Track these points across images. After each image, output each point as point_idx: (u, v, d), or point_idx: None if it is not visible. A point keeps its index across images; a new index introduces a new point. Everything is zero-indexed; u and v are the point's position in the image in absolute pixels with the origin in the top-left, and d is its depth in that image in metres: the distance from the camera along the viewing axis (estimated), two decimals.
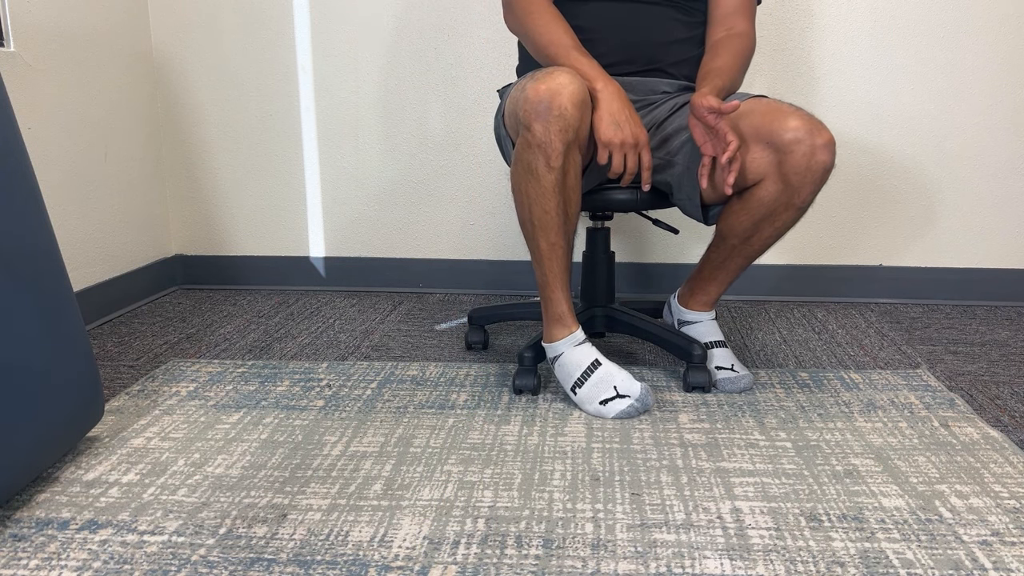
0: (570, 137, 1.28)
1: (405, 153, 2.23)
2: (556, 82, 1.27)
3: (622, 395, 1.38)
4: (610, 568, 0.97)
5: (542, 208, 1.33)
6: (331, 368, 1.65)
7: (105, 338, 1.88)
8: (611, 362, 1.42)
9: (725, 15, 1.50)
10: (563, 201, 1.33)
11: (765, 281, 2.22)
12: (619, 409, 1.37)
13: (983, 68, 2.05)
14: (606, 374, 1.40)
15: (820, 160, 1.30)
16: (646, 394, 1.38)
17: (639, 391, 1.38)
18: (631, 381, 1.39)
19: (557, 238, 1.36)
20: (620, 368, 1.41)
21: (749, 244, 1.44)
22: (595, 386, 1.39)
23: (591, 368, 1.41)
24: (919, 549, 1.00)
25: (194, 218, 2.33)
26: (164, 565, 0.98)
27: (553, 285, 1.41)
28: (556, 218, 1.34)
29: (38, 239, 1.16)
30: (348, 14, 2.16)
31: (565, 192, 1.33)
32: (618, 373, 1.40)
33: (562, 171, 1.30)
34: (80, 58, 1.93)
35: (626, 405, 1.37)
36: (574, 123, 1.27)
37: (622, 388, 1.38)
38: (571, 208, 1.36)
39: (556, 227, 1.35)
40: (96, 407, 1.26)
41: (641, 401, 1.37)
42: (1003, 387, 1.56)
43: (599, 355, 1.43)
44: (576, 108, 1.27)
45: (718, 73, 1.41)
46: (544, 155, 1.28)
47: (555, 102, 1.26)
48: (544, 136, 1.27)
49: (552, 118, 1.26)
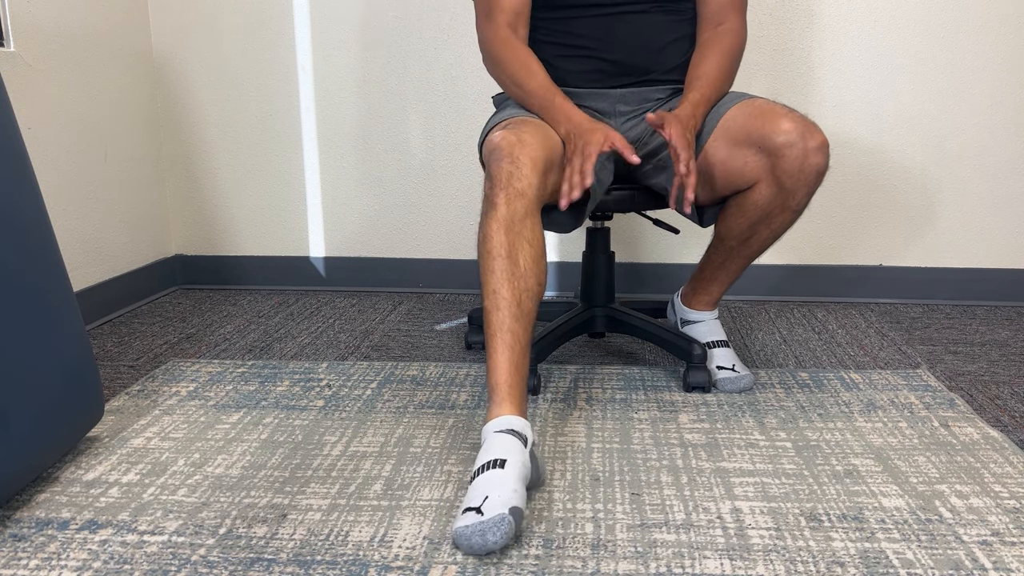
0: (523, 203, 1.22)
1: (405, 153, 2.23)
2: (520, 142, 1.25)
3: (480, 511, 1.00)
4: (610, 568, 0.97)
5: (486, 250, 1.22)
6: (331, 368, 1.65)
7: (105, 338, 1.88)
8: (518, 468, 1.06)
9: (714, 11, 1.48)
10: (509, 254, 1.21)
11: (765, 281, 2.22)
12: (456, 526, 1.01)
13: (983, 68, 2.05)
14: (489, 480, 1.04)
15: (813, 163, 1.30)
16: (496, 524, 0.97)
17: (491, 516, 0.98)
18: (503, 501, 1.00)
19: (500, 286, 1.19)
20: (518, 480, 1.05)
21: (747, 245, 1.44)
22: (471, 491, 1.05)
23: (484, 468, 1.07)
24: (919, 549, 1.00)
25: (194, 218, 2.33)
26: (164, 565, 0.98)
27: (492, 341, 1.19)
28: (502, 262, 1.20)
29: (38, 239, 1.15)
30: (348, 14, 2.16)
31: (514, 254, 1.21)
32: (501, 484, 1.03)
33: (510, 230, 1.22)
34: (80, 58, 1.93)
35: (463, 523, 1.00)
36: (529, 187, 1.23)
37: (487, 504, 1.01)
38: (522, 257, 1.21)
39: (500, 272, 1.20)
40: (96, 407, 1.26)
41: (484, 526, 0.97)
42: (1003, 387, 1.56)
43: (513, 453, 1.08)
44: (535, 174, 1.23)
45: (703, 80, 1.41)
46: (491, 202, 1.23)
47: (510, 158, 1.23)
48: (505, 208, 1.22)
49: (512, 193, 1.22)
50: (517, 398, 1.16)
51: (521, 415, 1.15)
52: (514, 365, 1.17)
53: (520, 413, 1.15)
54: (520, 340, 1.19)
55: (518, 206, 1.21)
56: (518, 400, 1.16)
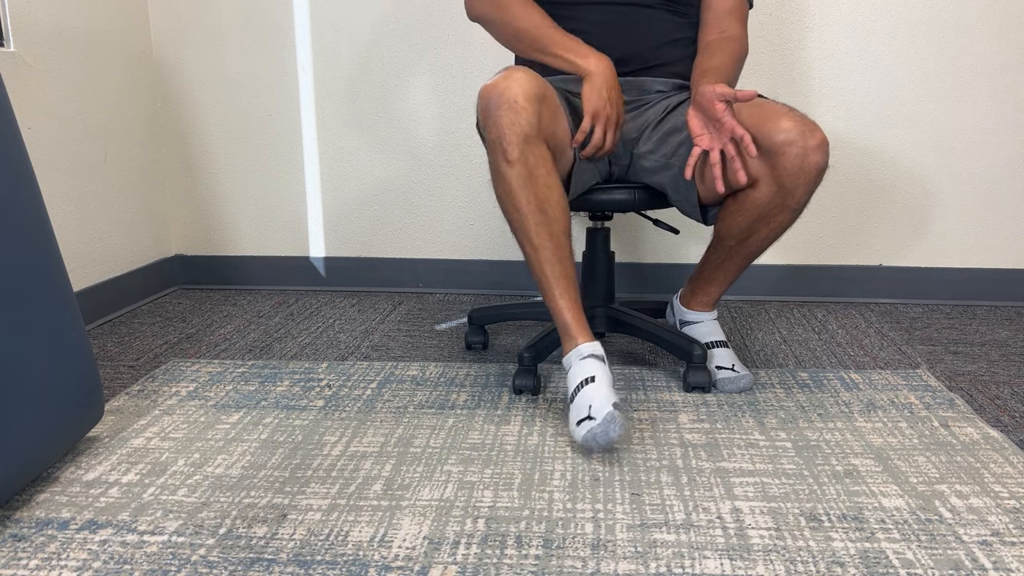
0: (524, 130, 1.25)
1: (405, 153, 2.23)
2: (510, 78, 1.27)
3: (591, 416, 1.22)
4: (610, 568, 0.97)
5: (514, 207, 1.30)
6: (331, 368, 1.65)
7: (105, 338, 1.88)
8: (606, 377, 1.28)
9: (718, 18, 1.49)
10: (534, 198, 1.28)
11: (765, 281, 2.22)
12: (581, 434, 1.22)
13: (983, 68, 2.05)
14: (588, 393, 1.26)
15: (813, 161, 1.30)
16: (610, 421, 1.20)
17: (603, 416, 1.21)
18: (605, 403, 1.22)
19: (541, 239, 1.30)
20: (609, 386, 1.27)
21: (746, 245, 1.44)
22: (576, 407, 1.27)
23: (580, 386, 1.28)
24: (919, 549, 1.00)
25: (194, 218, 2.33)
26: (164, 565, 0.98)
27: (551, 292, 1.33)
28: (531, 217, 1.29)
29: (38, 239, 1.15)
30: (348, 14, 2.16)
31: (535, 188, 1.28)
32: (597, 392, 1.25)
33: (523, 165, 1.27)
34: (80, 58, 1.93)
35: (586, 430, 1.22)
36: (526, 115, 1.25)
37: (593, 409, 1.23)
38: (550, 206, 1.30)
39: (534, 227, 1.30)
40: (96, 407, 1.26)
41: (603, 426, 1.20)
42: (1003, 387, 1.56)
43: (599, 370, 1.29)
44: (528, 101, 1.26)
45: (716, 72, 1.40)
46: (501, 150, 1.27)
47: (505, 96, 1.25)
48: (497, 132, 1.26)
49: (503, 112, 1.25)
50: (584, 328, 1.34)
51: (591, 340, 1.33)
52: (573, 301, 1.34)
53: (591, 339, 1.33)
54: (570, 277, 1.34)
55: (528, 154, 1.27)
56: (585, 330, 1.34)
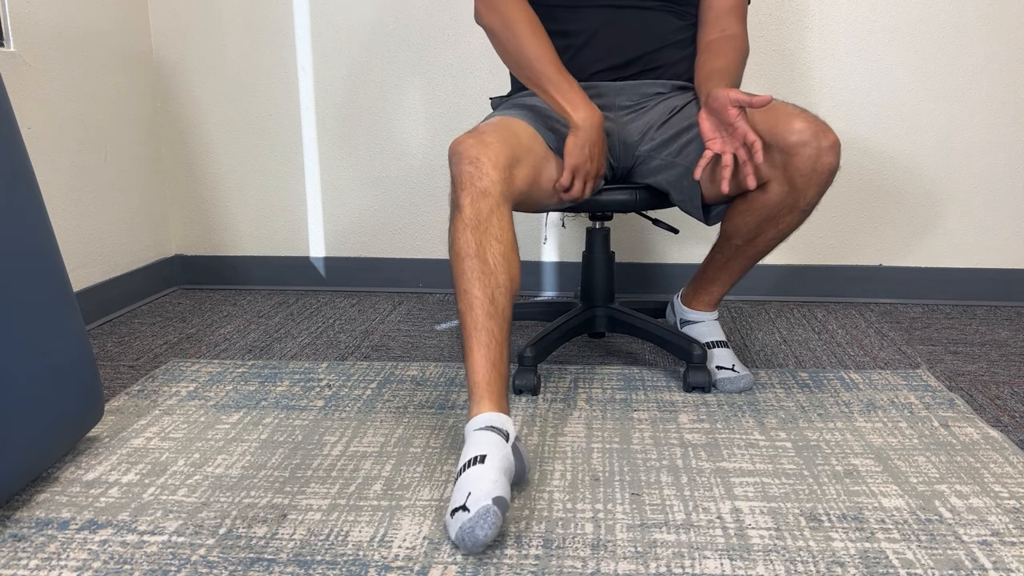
0: (493, 204, 1.23)
1: (405, 153, 2.23)
2: (480, 144, 1.24)
3: (466, 507, 0.99)
4: (610, 568, 0.97)
5: (453, 251, 1.23)
6: (331, 368, 1.65)
7: (105, 338, 1.88)
8: (500, 459, 1.06)
9: (717, 16, 1.48)
10: (475, 245, 1.21)
11: (765, 281, 2.22)
12: (454, 530, 1.00)
13: (983, 68, 2.05)
14: (470, 477, 1.03)
15: (826, 162, 1.30)
16: (481, 516, 0.97)
17: (476, 510, 0.98)
18: (485, 495, 1.00)
19: (471, 286, 1.20)
20: (500, 471, 1.04)
21: (753, 245, 1.44)
22: (456, 490, 1.04)
23: (467, 465, 1.06)
24: (919, 549, 1.00)
25: (194, 218, 2.33)
26: (164, 565, 0.98)
27: (467, 343, 1.19)
28: (467, 261, 1.21)
29: (38, 239, 1.16)
30: (348, 14, 2.16)
31: (479, 237, 1.22)
32: (481, 478, 1.02)
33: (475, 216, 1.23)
34: (80, 58, 1.93)
35: (458, 526, 0.99)
36: (489, 180, 1.23)
37: (471, 499, 1.00)
38: (491, 256, 1.21)
39: (468, 272, 1.20)
40: (96, 407, 1.26)
41: (472, 522, 0.97)
42: (1003, 387, 1.56)
43: (493, 448, 1.07)
44: (496, 170, 1.23)
45: (722, 74, 1.39)
46: (456, 196, 1.24)
47: (469, 157, 1.24)
48: (457, 178, 1.24)
49: (464, 165, 1.23)
50: (495, 395, 1.15)
51: (501, 411, 1.15)
52: (490, 362, 1.17)
53: (499, 409, 1.15)
54: (495, 337, 1.19)
55: (482, 205, 1.22)
56: (496, 397, 1.15)
